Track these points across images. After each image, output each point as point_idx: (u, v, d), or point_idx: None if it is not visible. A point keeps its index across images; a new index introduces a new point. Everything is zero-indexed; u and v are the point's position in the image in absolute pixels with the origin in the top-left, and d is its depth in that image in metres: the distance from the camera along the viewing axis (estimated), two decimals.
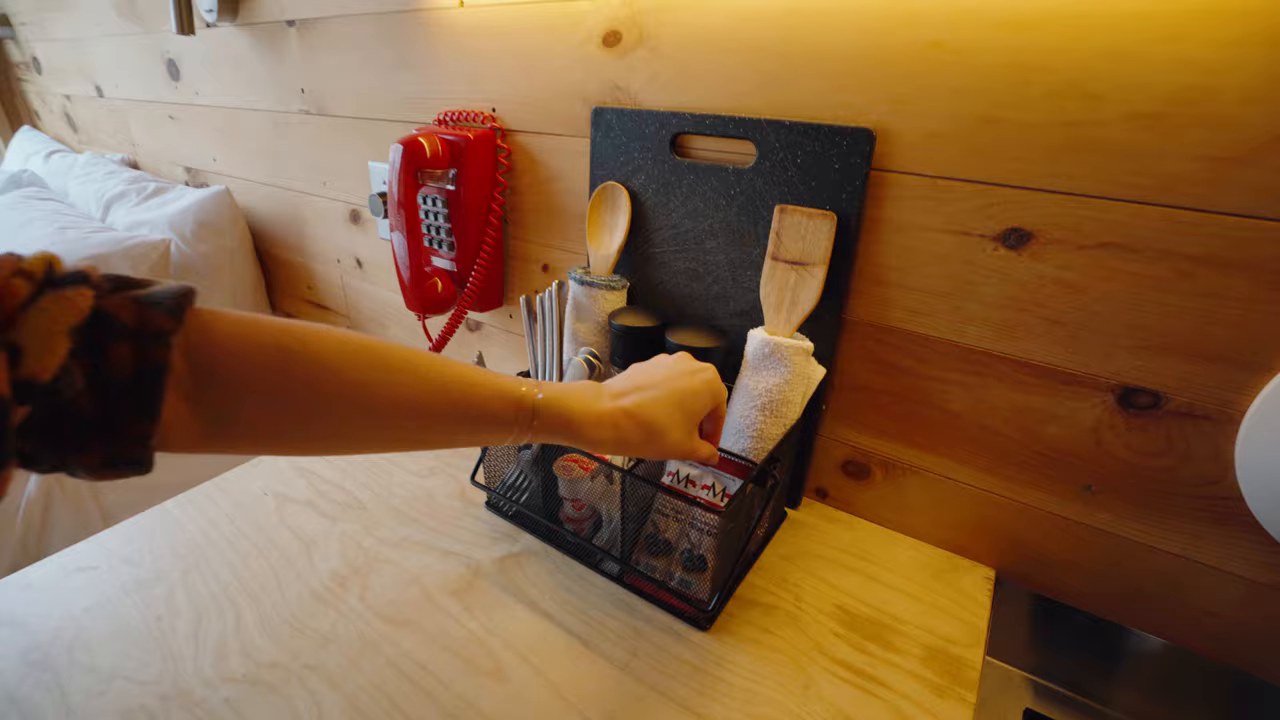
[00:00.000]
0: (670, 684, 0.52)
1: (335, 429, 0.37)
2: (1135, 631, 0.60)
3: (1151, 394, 0.52)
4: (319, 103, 1.04)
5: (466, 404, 0.39)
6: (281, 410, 0.35)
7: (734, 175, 0.64)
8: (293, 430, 0.36)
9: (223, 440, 0.35)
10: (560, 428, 0.42)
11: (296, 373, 0.34)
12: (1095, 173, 0.48)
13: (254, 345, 0.34)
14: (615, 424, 0.43)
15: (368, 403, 0.37)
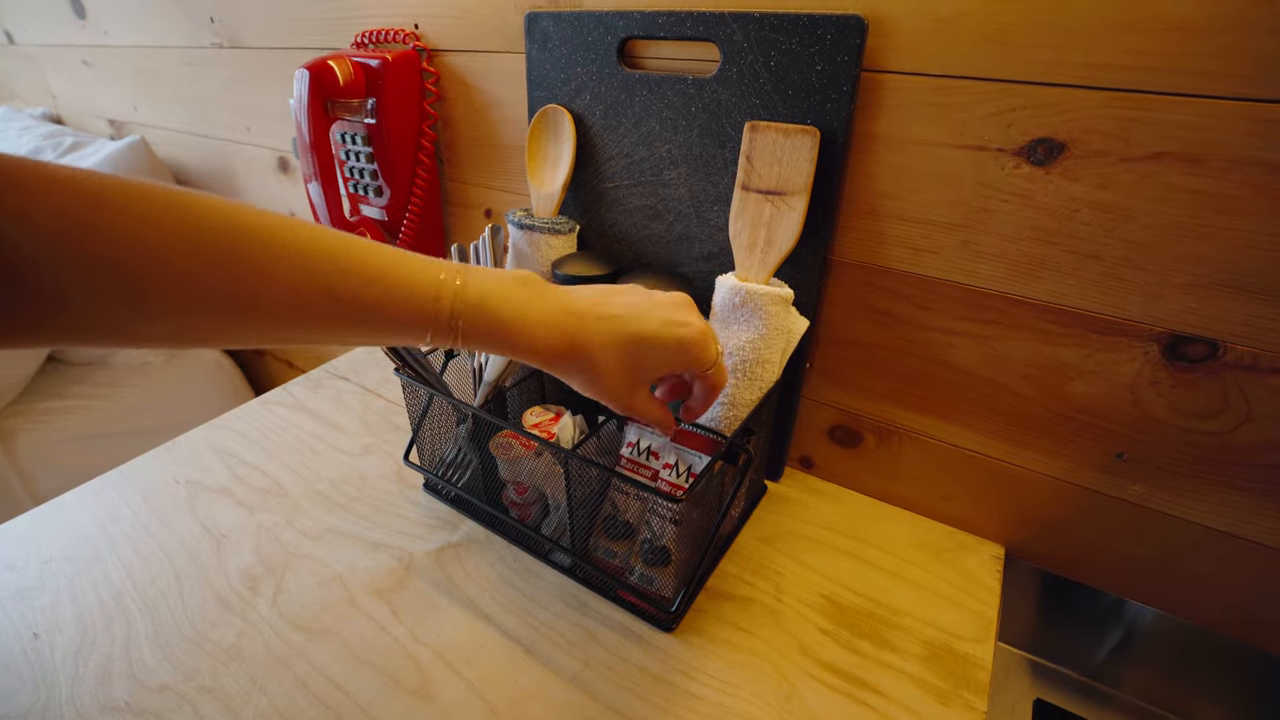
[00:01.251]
0: (627, 698, 0.45)
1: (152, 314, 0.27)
2: (1157, 612, 0.52)
3: (1207, 343, 0.42)
4: (231, 33, 0.91)
5: (358, 306, 0.30)
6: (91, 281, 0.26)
7: (694, 87, 0.52)
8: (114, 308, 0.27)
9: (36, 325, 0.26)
10: (486, 338, 0.34)
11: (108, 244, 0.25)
12: (1152, 59, 0.37)
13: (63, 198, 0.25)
14: (549, 346, 0.36)
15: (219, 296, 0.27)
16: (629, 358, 0.37)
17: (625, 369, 0.37)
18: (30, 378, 1.07)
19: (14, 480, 0.98)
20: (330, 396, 0.77)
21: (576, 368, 0.36)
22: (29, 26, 1.34)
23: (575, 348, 0.36)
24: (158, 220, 0.26)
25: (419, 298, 0.32)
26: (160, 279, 0.26)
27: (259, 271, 0.28)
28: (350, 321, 0.31)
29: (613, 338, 0.36)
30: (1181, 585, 0.50)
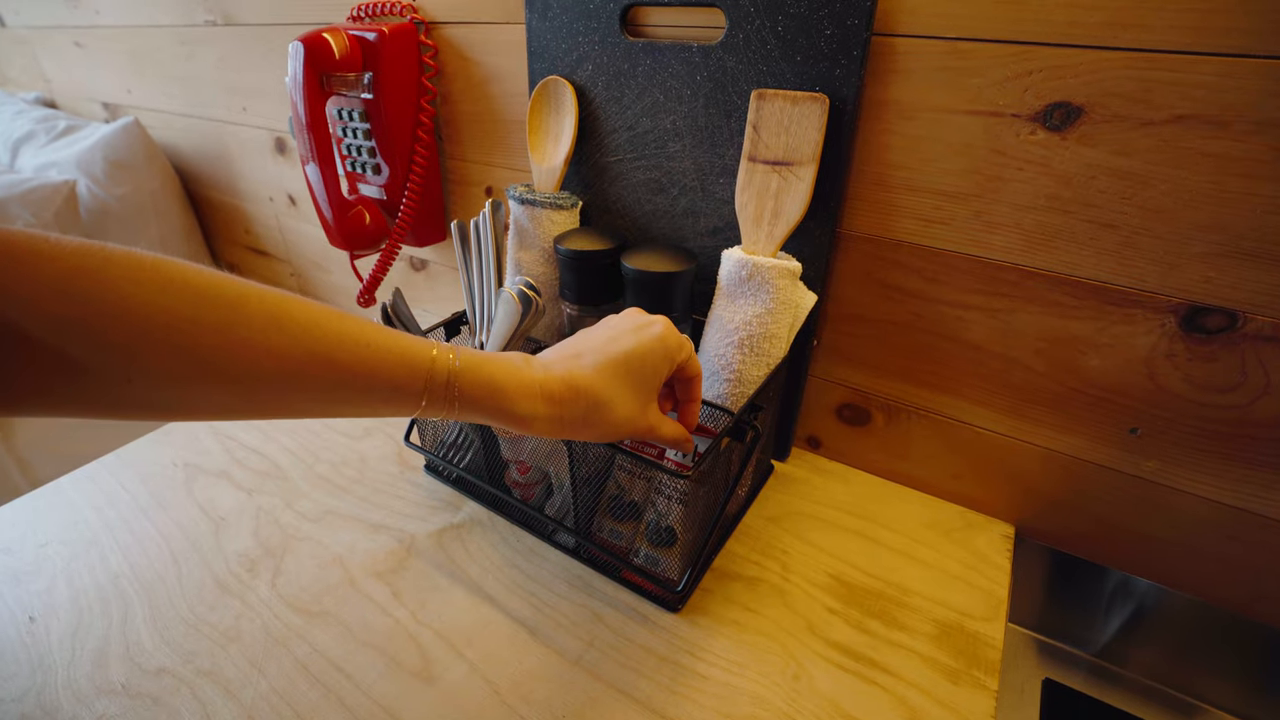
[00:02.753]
0: (633, 679, 0.44)
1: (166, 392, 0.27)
2: (1167, 590, 0.51)
3: (1226, 313, 0.41)
4: (224, 9, 0.89)
5: (357, 369, 0.30)
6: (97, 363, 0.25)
7: (700, 55, 0.51)
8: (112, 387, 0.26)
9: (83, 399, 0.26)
10: (483, 400, 0.34)
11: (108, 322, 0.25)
12: (1176, 15, 0.36)
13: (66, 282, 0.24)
14: (549, 395, 0.35)
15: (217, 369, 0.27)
16: (630, 377, 0.37)
17: (631, 390, 0.37)
18: None
19: (12, 466, 0.97)
20: None
21: (587, 407, 0.36)
22: (20, 8, 1.31)
23: (579, 388, 0.36)
24: (161, 293, 0.25)
25: (415, 361, 0.32)
26: (162, 351, 0.26)
27: (261, 341, 0.28)
28: (346, 388, 0.30)
29: (608, 366, 0.37)
30: (1194, 563, 0.49)
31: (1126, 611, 0.55)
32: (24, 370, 0.24)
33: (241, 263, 1.23)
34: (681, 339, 0.40)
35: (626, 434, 0.38)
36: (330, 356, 0.29)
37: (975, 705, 0.42)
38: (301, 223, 1.02)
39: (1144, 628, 0.55)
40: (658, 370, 0.39)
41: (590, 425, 0.37)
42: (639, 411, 0.38)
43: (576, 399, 0.36)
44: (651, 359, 0.38)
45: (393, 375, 0.31)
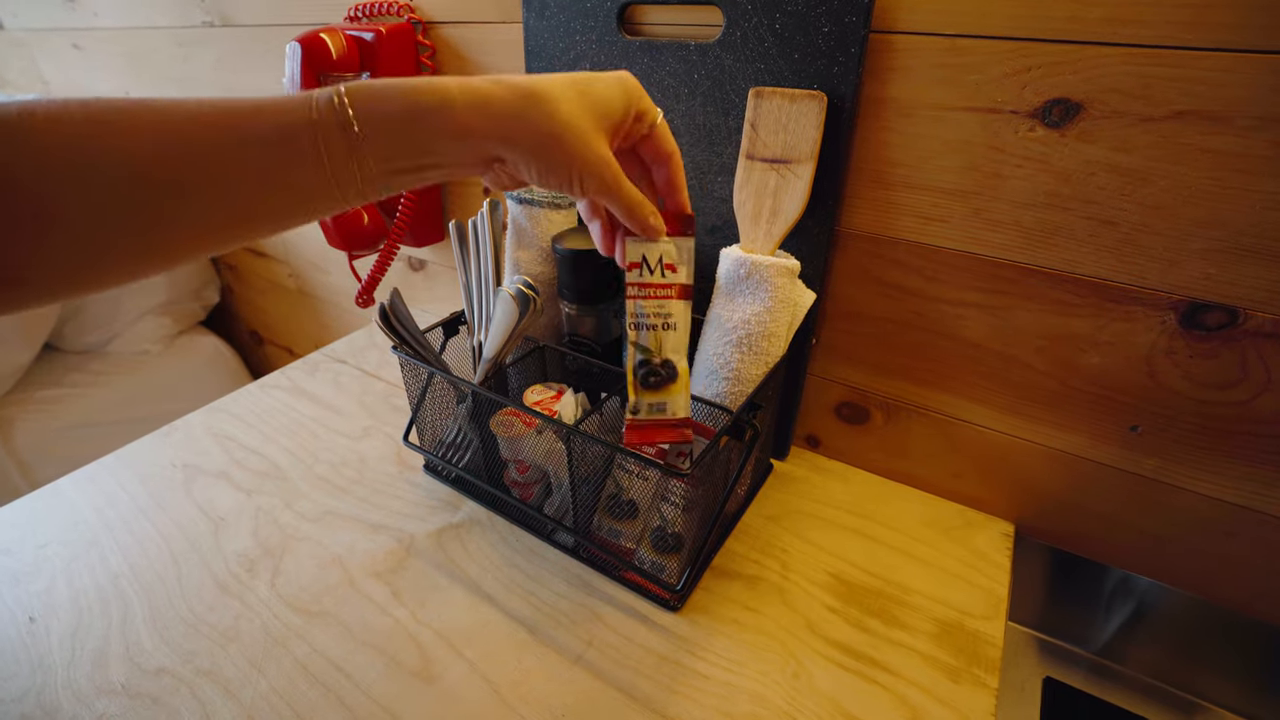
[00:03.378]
0: (632, 678, 0.44)
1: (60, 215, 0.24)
2: (1167, 588, 0.51)
3: (1226, 310, 0.41)
4: (222, 11, 0.89)
5: (231, 118, 0.26)
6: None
7: (697, 53, 0.51)
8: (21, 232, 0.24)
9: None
10: (392, 110, 0.28)
11: None
12: (1176, 10, 0.36)
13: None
14: (476, 90, 0.29)
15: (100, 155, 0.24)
16: (582, 96, 0.31)
17: (583, 107, 0.31)
18: (27, 366, 1.06)
19: (11, 469, 0.97)
20: (328, 380, 0.76)
21: (531, 111, 0.30)
22: (19, 10, 1.31)
23: (523, 91, 0.30)
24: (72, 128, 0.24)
25: (295, 96, 0.27)
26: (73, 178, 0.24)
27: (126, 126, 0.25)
28: (226, 138, 0.26)
29: (561, 80, 0.31)
30: (1195, 560, 0.49)
31: (1127, 609, 0.55)
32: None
33: (240, 264, 1.23)
34: (640, 89, 0.35)
35: (577, 153, 0.31)
36: (196, 114, 0.26)
37: (976, 703, 0.42)
38: None
39: (1145, 626, 0.55)
40: (612, 99, 0.33)
41: (527, 125, 0.30)
42: (591, 130, 0.32)
43: (510, 92, 0.30)
44: (606, 87, 0.33)
45: (271, 113, 0.26)
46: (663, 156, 0.37)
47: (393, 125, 0.28)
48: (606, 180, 0.33)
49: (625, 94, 0.34)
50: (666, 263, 0.38)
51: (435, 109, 0.28)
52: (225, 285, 1.31)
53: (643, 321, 0.39)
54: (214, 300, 1.29)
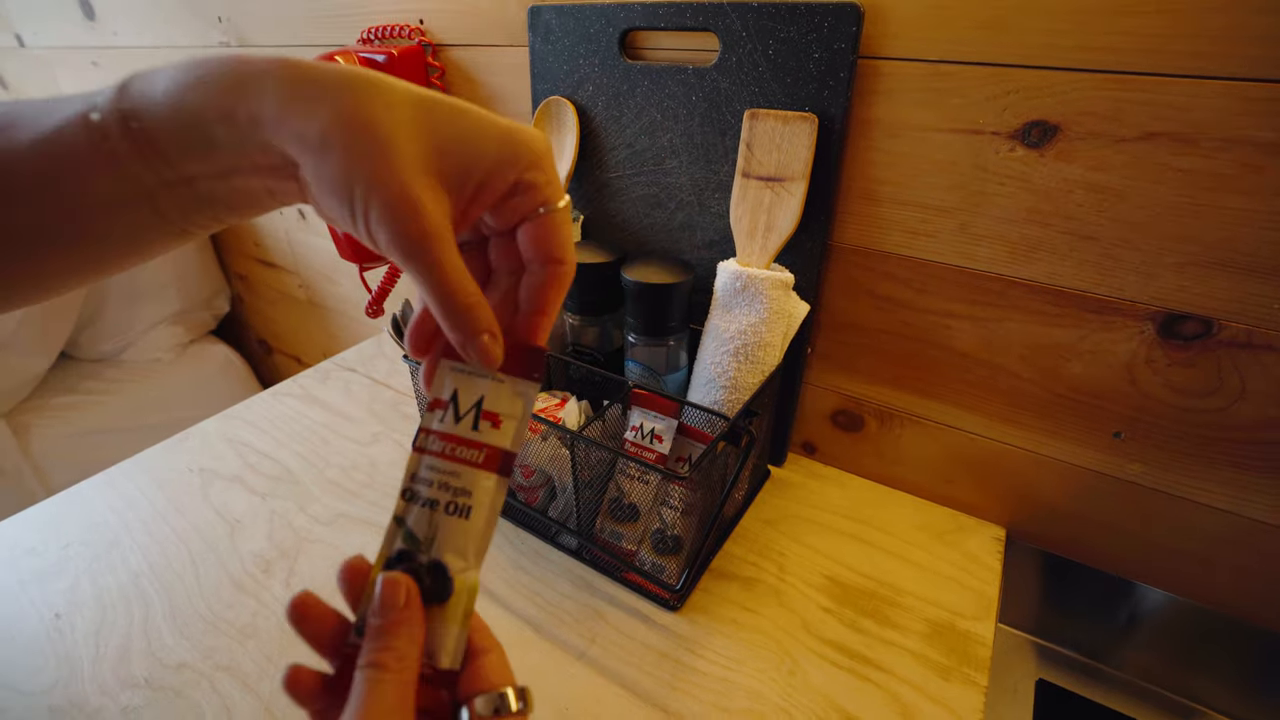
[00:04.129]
0: (634, 674, 0.46)
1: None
2: (1159, 592, 0.52)
3: (1201, 321, 0.43)
4: (239, 32, 0.92)
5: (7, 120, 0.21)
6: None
7: (695, 77, 0.53)
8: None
9: None
10: (172, 94, 0.21)
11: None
12: (1143, 40, 0.38)
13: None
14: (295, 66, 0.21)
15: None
16: (423, 119, 0.22)
17: (414, 132, 0.22)
18: (44, 374, 1.09)
19: (28, 473, 1.00)
20: (339, 388, 0.79)
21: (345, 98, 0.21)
22: (39, 29, 1.35)
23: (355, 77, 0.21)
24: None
25: (80, 95, 0.22)
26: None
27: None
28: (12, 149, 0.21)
29: (403, 91, 0.22)
30: (1181, 564, 0.51)
31: (1118, 613, 0.56)
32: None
33: (250, 274, 1.26)
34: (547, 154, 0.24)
35: (378, 173, 0.21)
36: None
37: (966, 701, 0.44)
38: (311, 236, 1.05)
39: (1137, 629, 0.56)
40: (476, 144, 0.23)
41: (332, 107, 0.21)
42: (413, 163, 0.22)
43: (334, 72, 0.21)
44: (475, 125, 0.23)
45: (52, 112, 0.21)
46: (541, 257, 0.25)
47: (170, 108, 0.21)
48: (405, 231, 0.21)
49: (502, 148, 0.23)
50: (486, 410, 0.25)
51: (215, 79, 0.21)
52: (235, 295, 1.34)
53: (419, 490, 0.25)
54: (224, 310, 1.32)
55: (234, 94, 0.21)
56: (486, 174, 0.23)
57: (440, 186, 0.22)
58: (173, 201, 0.23)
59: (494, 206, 0.24)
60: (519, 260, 0.26)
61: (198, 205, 0.23)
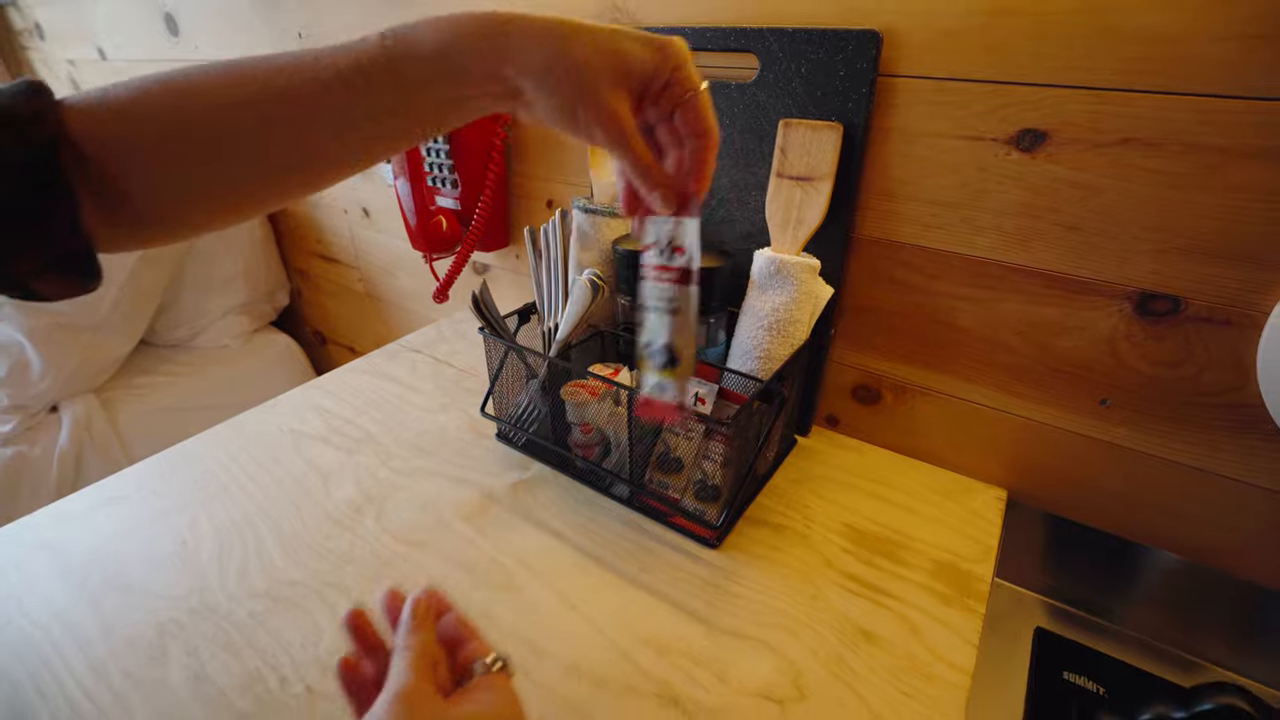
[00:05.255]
0: (681, 595, 0.53)
1: (181, 171, 0.32)
2: (1150, 548, 0.59)
3: (1170, 299, 0.50)
4: (316, 44, 1.03)
5: (304, 66, 0.31)
6: (135, 169, 0.31)
7: (736, 91, 0.62)
8: (157, 189, 0.32)
9: (142, 223, 0.33)
10: (431, 43, 0.31)
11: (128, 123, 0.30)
12: (1116, 62, 0.46)
13: (96, 113, 0.30)
14: (514, 18, 0.32)
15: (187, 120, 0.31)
16: (606, 51, 0.32)
17: (603, 60, 0.32)
18: (126, 357, 1.20)
19: (114, 443, 1.10)
20: (406, 366, 0.88)
21: (554, 51, 0.31)
22: (122, 43, 1.48)
23: (555, 30, 0.32)
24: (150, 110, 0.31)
25: (350, 43, 0.32)
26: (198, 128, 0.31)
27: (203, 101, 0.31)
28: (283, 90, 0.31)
29: (590, 27, 0.32)
30: (1162, 519, 0.57)
31: (1112, 568, 0.63)
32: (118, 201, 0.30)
33: (310, 268, 1.36)
34: (685, 56, 0.34)
35: (584, 97, 0.32)
36: (262, 68, 0.31)
37: (966, 624, 0.51)
38: (373, 233, 1.15)
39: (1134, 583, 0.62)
40: (641, 60, 0.33)
41: (547, 59, 0.31)
42: (605, 79, 0.32)
43: (540, 26, 0.32)
44: (637, 46, 0.33)
45: (327, 62, 0.31)
46: (694, 130, 0.35)
47: (429, 51, 0.31)
48: (613, 133, 0.33)
49: (657, 56, 0.33)
50: (675, 245, 0.37)
51: (467, 41, 0.31)
52: (295, 289, 1.45)
53: (649, 303, 0.39)
54: (284, 303, 1.42)
55: (485, 41, 0.32)
56: (651, 77, 0.34)
57: (626, 96, 0.33)
58: (418, 114, 0.33)
59: (656, 98, 0.35)
60: (679, 137, 0.36)
61: (438, 118, 0.34)
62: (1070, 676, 0.60)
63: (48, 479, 1.04)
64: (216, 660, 0.49)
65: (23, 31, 1.86)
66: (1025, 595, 0.68)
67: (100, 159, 0.30)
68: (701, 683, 0.46)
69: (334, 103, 0.31)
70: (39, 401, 1.07)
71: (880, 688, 0.46)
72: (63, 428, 1.07)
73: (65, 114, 0.30)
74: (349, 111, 0.32)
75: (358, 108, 0.32)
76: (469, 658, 0.34)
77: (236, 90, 0.31)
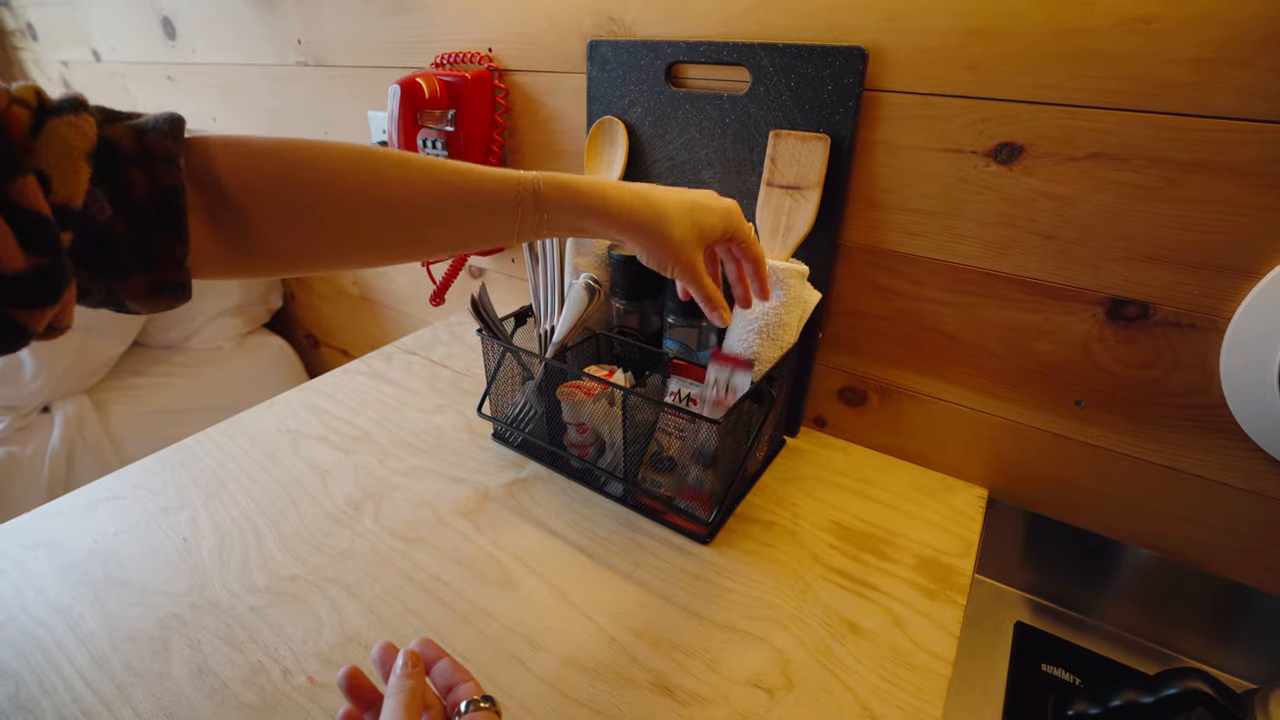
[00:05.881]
0: (672, 589, 0.55)
1: (344, 230, 0.37)
2: (1126, 545, 0.62)
3: (1140, 305, 0.53)
4: (316, 53, 1.04)
5: (467, 188, 0.39)
6: (291, 218, 0.36)
7: (729, 102, 0.64)
8: (305, 237, 0.37)
9: (246, 259, 0.36)
10: (567, 200, 0.42)
11: (296, 178, 0.35)
12: (1085, 81, 0.49)
13: (249, 159, 0.34)
14: (621, 199, 0.43)
15: (373, 198, 0.37)
16: (692, 218, 0.45)
17: (690, 227, 0.45)
18: (119, 358, 1.20)
19: (106, 444, 1.10)
20: (402, 367, 0.89)
21: (654, 224, 0.44)
22: (118, 45, 1.48)
23: (653, 208, 0.44)
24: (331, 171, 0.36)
25: (508, 176, 0.41)
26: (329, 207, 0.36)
27: (399, 178, 0.38)
28: (458, 202, 0.39)
29: (676, 201, 0.45)
30: (1136, 516, 0.60)
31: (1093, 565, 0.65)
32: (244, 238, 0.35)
33: (311, 280, 1.37)
34: (741, 218, 0.49)
35: (673, 259, 0.45)
36: (444, 179, 0.39)
37: (948, 615, 0.53)
38: None
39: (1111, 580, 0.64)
40: (715, 225, 0.46)
41: (650, 236, 0.44)
42: (693, 245, 0.45)
43: (646, 206, 0.44)
44: (712, 216, 0.46)
45: (493, 188, 0.40)
46: (746, 258, 0.51)
47: (565, 208, 0.42)
48: (690, 277, 0.47)
49: (726, 222, 0.48)
50: (730, 387, 0.57)
51: (594, 208, 0.43)
52: (288, 292, 1.45)
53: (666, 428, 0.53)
54: (278, 305, 1.43)
55: (604, 209, 0.43)
56: (719, 237, 0.48)
57: (701, 249, 0.47)
58: (534, 235, 0.43)
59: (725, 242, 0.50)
60: (734, 257, 0.52)
61: (543, 236, 0.44)
62: (1048, 668, 0.62)
63: (39, 480, 1.04)
64: (219, 653, 0.50)
65: (15, 32, 1.86)
66: (1006, 591, 0.70)
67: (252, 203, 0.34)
68: (693, 672, 0.48)
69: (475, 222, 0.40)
70: (31, 402, 1.07)
71: (866, 676, 0.48)
72: (55, 428, 1.07)
73: (217, 154, 0.33)
74: (488, 231, 0.41)
75: (495, 230, 0.41)
76: (460, 699, 0.37)
77: (435, 186, 0.39)
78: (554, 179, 0.42)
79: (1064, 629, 0.66)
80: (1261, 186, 0.46)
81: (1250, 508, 0.54)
